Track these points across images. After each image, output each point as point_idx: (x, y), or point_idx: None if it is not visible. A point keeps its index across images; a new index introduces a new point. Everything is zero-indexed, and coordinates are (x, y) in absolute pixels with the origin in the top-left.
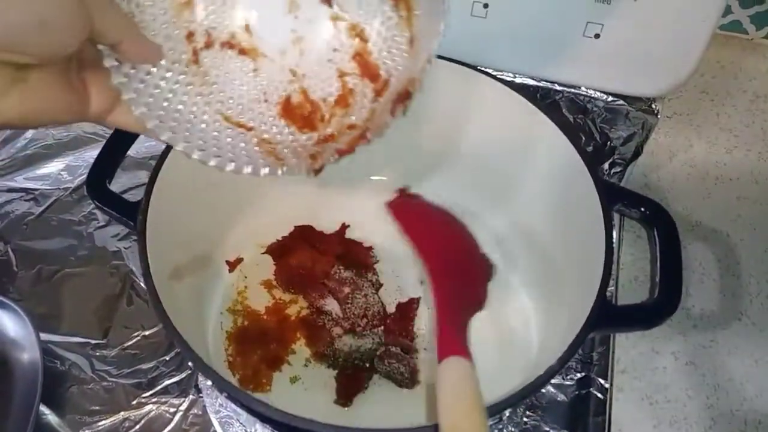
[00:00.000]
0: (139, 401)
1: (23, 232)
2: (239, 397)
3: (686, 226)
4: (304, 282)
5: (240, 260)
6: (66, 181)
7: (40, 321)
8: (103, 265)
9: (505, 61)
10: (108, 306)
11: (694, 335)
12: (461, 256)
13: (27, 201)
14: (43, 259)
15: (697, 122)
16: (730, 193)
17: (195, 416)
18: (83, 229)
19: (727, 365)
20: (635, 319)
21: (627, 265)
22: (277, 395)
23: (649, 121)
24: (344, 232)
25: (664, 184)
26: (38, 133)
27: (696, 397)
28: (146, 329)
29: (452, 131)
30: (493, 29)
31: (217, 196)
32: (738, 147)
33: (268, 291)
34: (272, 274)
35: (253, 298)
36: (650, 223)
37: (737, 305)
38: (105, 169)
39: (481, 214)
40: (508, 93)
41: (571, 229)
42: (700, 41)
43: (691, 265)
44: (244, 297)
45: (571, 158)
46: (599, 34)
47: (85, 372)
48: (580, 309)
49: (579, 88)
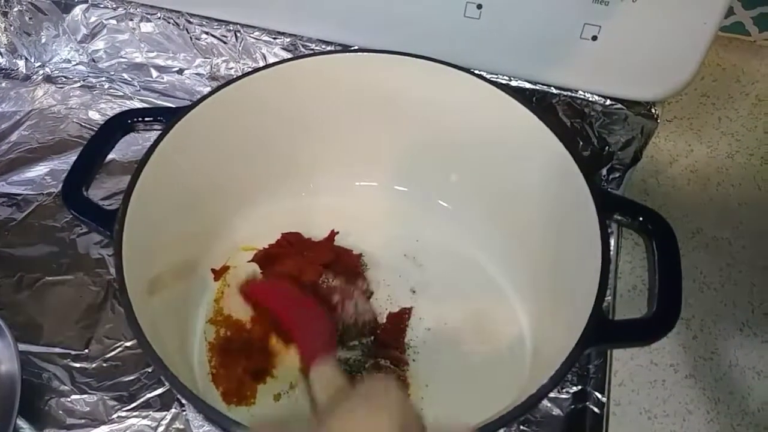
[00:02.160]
0: (120, 415)
1: (5, 239)
2: (216, 419)
3: (686, 233)
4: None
5: (226, 268)
6: (49, 185)
7: (19, 331)
8: (85, 274)
9: (500, 63)
10: (89, 316)
11: (695, 347)
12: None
13: (9, 207)
14: (25, 266)
15: (698, 126)
16: (732, 200)
17: (177, 430)
18: (66, 236)
19: (729, 378)
20: (632, 336)
21: (625, 274)
22: (261, 408)
23: (649, 125)
24: (333, 239)
25: (663, 190)
26: (22, 137)
27: (696, 412)
28: (128, 340)
29: (442, 136)
30: (487, 31)
31: (202, 204)
32: (740, 152)
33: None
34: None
35: (237, 307)
36: (649, 234)
37: (739, 315)
38: (82, 176)
39: (471, 220)
40: (501, 97)
41: (565, 239)
42: (701, 45)
43: (692, 274)
44: (229, 307)
45: (567, 165)
46: (597, 36)
47: (65, 384)
48: (575, 324)
49: (576, 92)
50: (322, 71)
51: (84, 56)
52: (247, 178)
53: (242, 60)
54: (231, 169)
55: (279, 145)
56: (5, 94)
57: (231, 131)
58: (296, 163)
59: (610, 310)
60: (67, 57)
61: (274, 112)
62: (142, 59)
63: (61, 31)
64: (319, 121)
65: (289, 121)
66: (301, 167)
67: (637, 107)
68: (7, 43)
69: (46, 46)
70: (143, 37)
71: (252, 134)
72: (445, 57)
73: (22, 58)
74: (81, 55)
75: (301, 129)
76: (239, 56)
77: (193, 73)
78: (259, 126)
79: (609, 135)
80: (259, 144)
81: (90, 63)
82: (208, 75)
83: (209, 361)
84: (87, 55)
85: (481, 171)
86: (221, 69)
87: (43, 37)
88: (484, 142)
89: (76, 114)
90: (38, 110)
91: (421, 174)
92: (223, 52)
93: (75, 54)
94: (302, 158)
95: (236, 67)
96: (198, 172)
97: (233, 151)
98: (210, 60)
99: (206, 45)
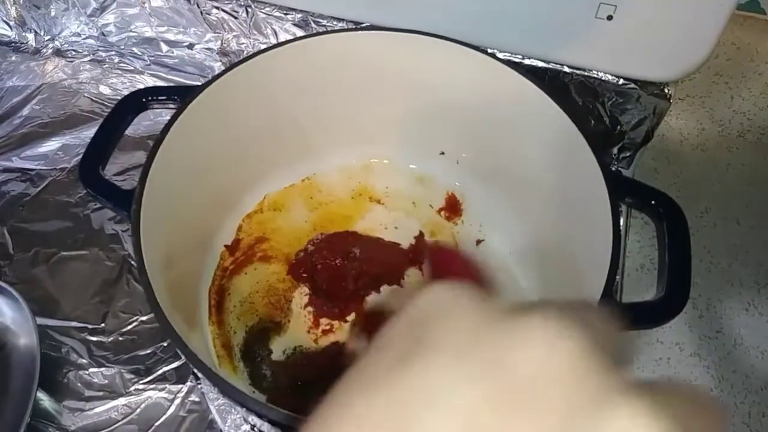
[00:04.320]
0: (137, 387)
1: (20, 214)
2: (234, 396)
3: (695, 212)
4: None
5: (238, 242)
6: (62, 160)
7: (36, 305)
8: (100, 249)
9: (513, 42)
10: (105, 290)
11: (700, 326)
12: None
13: (23, 182)
14: (40, 241)
15: (710, 105)
16: (742, 179)
17: (193, 403)
18: (80, 211)
19: (733, 357)
20: (639, 319)
21: (633, 253)
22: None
23: (661, 105)
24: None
25: (674, 169)
26: (34, 111)
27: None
28: (143, 314)
29: (456, 114)
30: (501, 10)
31: (215, 181)
32: (751, 131)
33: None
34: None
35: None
36: (660, 217)
37: (745, 295)
38: (98, 156)
39: (481, 199)
40: (514, 76)
41: (575, 222)
42: (716, 25)
43: (699, 253)
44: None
45: (579, 147)
46: (612, 16)
47: (82, 357)
48: None
49: (590, 71)
50: (337, 49)
51: (94, 30)
52: (259, 155)
53: (253, 35)
54: (244, 146)
55: (292, 123)
56: (15, 67)
57: (244, 109)
58: (308, 142)
59: (619, 289)
60: (77, 30)
61: (288, 89)
62: (152, 33)
63: (70, 4)
64: (333, 98)
65: (301, 98)
66: (313, 145)
67: (650, 87)
68: (16, 16)
69: (56, 19)
70: (153, 11)
71: (264, 112)
72: (458, 36)
73: (32, 32)
74: (90, 29)
75: (312, 106)
76: (250, 31)
77: (203, 47)
78: (272, 103)
79: (621, 114)
80: (272, 121)
81: (100, 37)
82: (218, 50)
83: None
84: (97, 28)
85: (492, 151)
86: (232, 44)
87: (52, 10)
88: (495, 121)
89: (87, 88)
90: (49, 84)
91: (432, 151)
92: (234, 27)
93: (85, 27)
94: (314, 136)
95: (247, 43)
96: (212, 150)
97: (247, 128)
98: (220, 35)
99: (216, 20)
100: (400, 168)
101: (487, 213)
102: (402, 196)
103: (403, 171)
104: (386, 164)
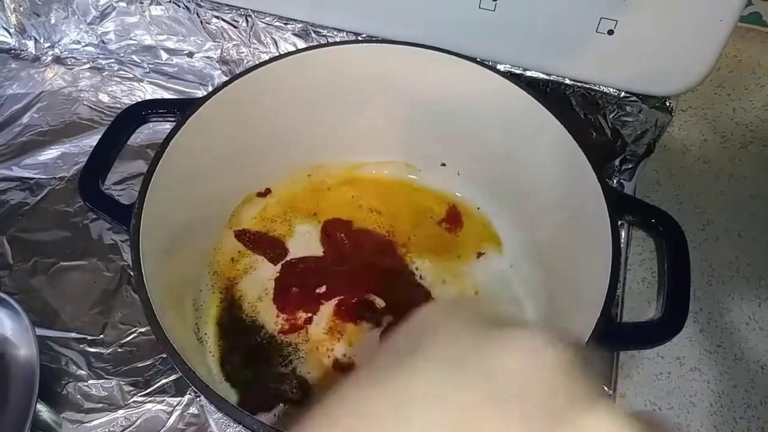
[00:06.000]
0: (136, 400)
1: (19, 223)
2: (235, 416)
3: (697, 225)
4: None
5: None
6: (61, 169)
7: (36, 316)
8: (99, 259)
9: (514, 55)
10: (104, 301)
11: (701, 340)
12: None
13: (22, 191)
14: (39, 251)
15: (712, 116)
16: (744, 191)
17: (192, 416)
18: (79, 221)
19: (733, 371)
20: (637, 339)
21: (635, 266)
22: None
23: (663, 118)
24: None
25: (675, 180)
26: (33, 120)
27: (700, 404)
28: (142, 326)
29: (457, 126)
30: (502, 23)
31: (214, 196)
32: (753, 142)
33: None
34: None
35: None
36: (660, 236)
37: (746, 309)
38: (97, 168)
39: (483, 214)
40: (514, 89)
41: (575, 239)
42: (718, 40)
43: (700, 266)
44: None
45: (580, 165)
46: (613, 31)
47: (82, 369)
48: (582, 326)
49: (591, 84)
50: (337, 61)
51: (93, 38)
52: (258, 168)
53: (253, 45)
54: (243, 158)
55: (291, 133)
56: (15, 75)
57: (244, 122)
58: (307, 151)
59: (620, 303)
60: (77, 38)
61: (288, 101)
62: (151, 41)
63: (70, 12)
64: (333, 110)
65: (302, 110)
66: (313, 155)
67: (651, 100)
68: (16, 23)
69: (56, 27)
70: (153, 19)
71: (264, 124)
72: (460, 48)
73: (32, 39)
74: (90, 37)
75: (312, 118)
76: (249, 41)
77: (203, 56)
78: (272, 116)
79: (623, 127)
80: (272, 133)
81: (99, 44)
82: (218, 58)
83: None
84: (96, 36)
85: (493, 163)
86: (232, 53)
87: (52, 17)
88: (496, 133)
89: (86, 96)
90: (48, 92)
91: (431, 162)
92: (234, 37)
93: (84, 35)
94: (314, 146)
95: (247, 52)
96: (211, 164)
97: (245, 141)
98: (220, 44)
99: (216, 29)
100: (401, 179)
101: (489, 226)
102: (402, 207)
103: (404, 182)
104: (386, 175)
